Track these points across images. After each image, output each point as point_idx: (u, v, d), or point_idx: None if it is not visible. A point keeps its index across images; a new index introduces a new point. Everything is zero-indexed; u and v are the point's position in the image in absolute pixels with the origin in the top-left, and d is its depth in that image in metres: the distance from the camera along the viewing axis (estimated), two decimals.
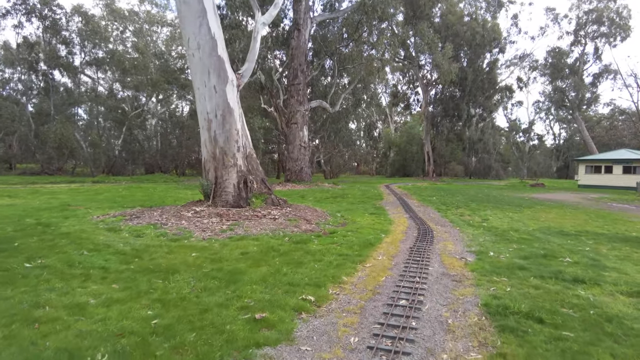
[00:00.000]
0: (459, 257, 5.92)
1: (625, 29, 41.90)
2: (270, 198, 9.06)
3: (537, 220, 10.81)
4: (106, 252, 5.56)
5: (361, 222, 9.21)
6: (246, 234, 6.90)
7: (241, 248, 5.94)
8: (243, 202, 8.61)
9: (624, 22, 42.09)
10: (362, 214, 10.79)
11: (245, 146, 9.25)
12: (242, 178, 8.79)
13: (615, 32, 42.82)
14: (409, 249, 6.38)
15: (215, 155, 8.89)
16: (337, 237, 7.07)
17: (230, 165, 8.75)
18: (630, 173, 28.78)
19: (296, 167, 22.38)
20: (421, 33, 23.95)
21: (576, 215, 12.06)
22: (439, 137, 43.75)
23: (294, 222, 7.93)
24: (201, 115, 9.17)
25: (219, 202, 8.53)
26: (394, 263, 5.41)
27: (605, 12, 43.05)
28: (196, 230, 7.01)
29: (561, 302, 3.84)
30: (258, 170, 9.33)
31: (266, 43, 26.91)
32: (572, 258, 5.83)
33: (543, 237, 7.85)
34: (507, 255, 6.01)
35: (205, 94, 9.01)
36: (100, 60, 33.37)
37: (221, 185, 8.68)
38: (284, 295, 3.97)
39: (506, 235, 8.05)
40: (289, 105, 23.03)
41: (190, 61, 9.38)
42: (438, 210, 12.30)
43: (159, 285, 4.19)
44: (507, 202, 15.67)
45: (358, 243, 6.52)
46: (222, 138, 8.85)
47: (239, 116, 9.30)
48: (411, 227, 8.89)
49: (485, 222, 9.99)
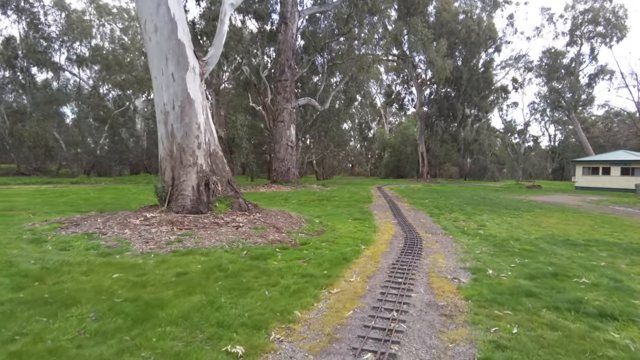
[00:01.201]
0: (450, 276, 4.81)
1: (622, 28, 41.36)
2: (237, 202, 7.89)
3: (538, 226, 9.77)
4: (5, 272, 4.37)
5: (342, 229, 8.09)
6: (196, 247, 5.73)
7: (181, 267, 4.78)
8: (203, 207, 7.44)
9: (620, 21, 41.57)
10: (345, 219, 9.67)
11: (209, 143, 8.08)
12: (204, 179, 7.62)
13: (611, 32, 42.27)
14: (391, 265, 5.26)
15: (173, 153, 7.72)
16: (307, 250, 5.93)
17: (189, 164, 7.58)
18: (629, 175, 28.00)
19: (283, 168, 21.22)
20: (414, 29, 22.95)
21: (580, 221, 11.04)
22: (434, 138, 42.82)
23: (261, 231, 6.78)
24: (158, 107, 8.00)
25: (174, 207, 7.36)
26: (369, 287, 4.27)
27: (601, 12, 42.51)
28: (137, 242, 5.84)
29: (592, 355, 2.73)
30: (224, 170, 8.16)
31: (254, 39, 25.79)
32: (588, 277, 4.75)
33: (548, 248, 6.79)
34: (510, 274, 4.92)
35: (163, 82, 7.84)
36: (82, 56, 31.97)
37: (178, 187, 7.51)
38: (203, 343, 2.83)
39: (506, 245, 6.97)
40: (276, 103, 21.87)
41: (147, 46, 8.21)
42: (430, 215, 11.22)
43: (34, 328, 3.02)
44: (505, 205, 14.65)
45: (330, 258, 5.38)
46: (180, 133, 7.69)
47: (203, 109, 8.13)
48: (398, 235, 7.78)
49: (482, 228, 8.92)
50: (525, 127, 59.66)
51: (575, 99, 45.16)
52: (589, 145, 44.14)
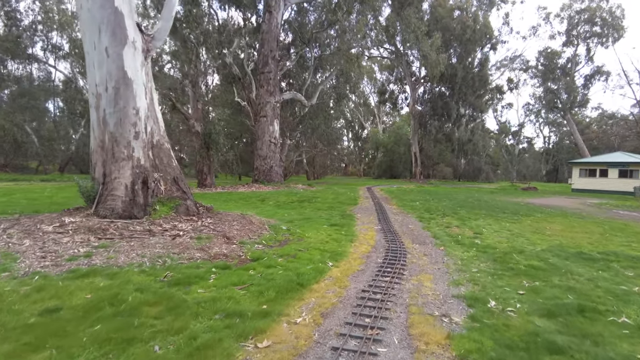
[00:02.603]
0: (439, 312, 3.48)
1: (619, 28, 40.64)
2: (183, 205, 6.49)
3: (542, 234, 8.52)
4: None
5: (312, 238, 6.73)
6: (105, 265, 4.33)
7: (59, 298, 3.38)
8: (138, 210, 6.03)
9: (617, 21, 40.84)
10: (321, 225, 8.32)
11: (152, 133, 6.66)
12: (141, 176, 6.20)
13: (607, 32, 41.55)
14: (360, 292, 3.92)
15: (104, 144, 6.30)
16: (255, 269, 4.56)
17: (123, 157, 6.15)
18: (627, 177, 27.10)
19: (265, 166, 19.78)
20: (407, 20, 21.67)
21: (587, 227, 9.83)
22: (427, 138, 41.67)
23: (204, 242, 5.40)
24: (90, 88, 6.57)
25: (101, 210, 5.93)
26: (318, 336, 2.91)
27: (598, 12, 41.77)
28: (30, 257, 4.42)
29: None
30: (170, 166, 6.74)
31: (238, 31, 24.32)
32: (628, 315, 3.46)
33: (561, 265, 5.51)
34: (519, 307, 3.62)
35: (95, 59, 6.41)
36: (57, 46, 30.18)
37: (109, 186, 6.09)
38: None
39: (509, 260, 5.68)
40: (258, 96, 20.43)
41: (79, 15, 6.78)
42: (420, 220, 9.93)
43: None
44: (502, 208, 13.43)
45: (280, 283, 4.01)
46: (112, 119, 6.26)
47: (146, 92, 6.71)
48: (379, 246, 6.45)
49: (478, 237, 7.64)
50: (520, 129, 59.06)
51: (571, 100, 44.40)
52: (584, 146, 43.40)
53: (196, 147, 18.40)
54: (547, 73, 45.85)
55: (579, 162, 30.68)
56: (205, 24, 18.70)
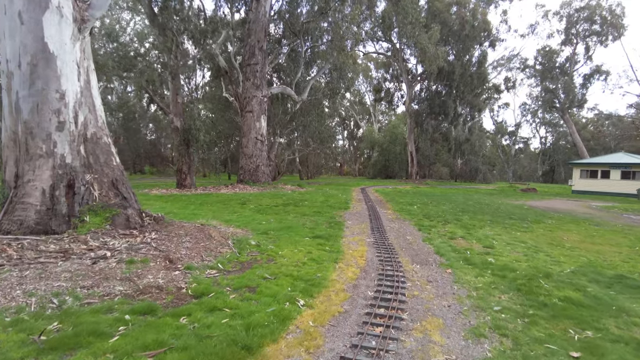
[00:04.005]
0: None
1: (619, 27, 39.78)
2: (123, 214, 5.08)
3: (561, 247, 7.27)
4: None
5: (287, 257, 5.37)
6: None
7: None
8: (59, 222, 4.63)
9: (617, 20, 39.98)
10: (302, 237, 6.95)
11: (86, 124, 5.24)
12: (66, 178, 4.80)
13: (607, 30, 40.69)
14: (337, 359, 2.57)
15: (17, 137, 4.88)
16: (191, 315, 3.19)
17: (40, 154, 4.74)
18: (629, 179, 26.14)
19: (251, 165, 18.35)
20: (404, 10, 20.38)
21: (608, 237, 8.62)
22: (424, 137, 40.46)
23: (137, 267, 4.02)
24: (1, 66, 5.13)
25: (5, 223, 4.52)
26: None
27: (597, 10, 40.92)
28: None
29: None
30: (108, 165, 5.33)
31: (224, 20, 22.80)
32: None
33: (605, 297, 4.24)
34: None
35: (5, 26, 4.98)
36: None
37: (20, 191, 4.67)
38: None
39: (536, 290, 4.40)
40: (244, 90, 18.96)
41: None
42: (419, 228, 8.62)
43: None
44: (507, 213, 12.18)
45: (213, 348, 2.64)
46: (27, 105, 4.84)
47: (79, 72, 5.29)
48: (370, 269, 5.12)
49: (490, 252, 6.34)
50: (516, 129, 58.28)
51: (569, 100, 43.53)
52: (583, 146, 42.56)
53: (174, 144, 16.92)
54: (545, 72, 44.97)
55: (580, 162, 29.68)
56: (186, 9, 17.22)
